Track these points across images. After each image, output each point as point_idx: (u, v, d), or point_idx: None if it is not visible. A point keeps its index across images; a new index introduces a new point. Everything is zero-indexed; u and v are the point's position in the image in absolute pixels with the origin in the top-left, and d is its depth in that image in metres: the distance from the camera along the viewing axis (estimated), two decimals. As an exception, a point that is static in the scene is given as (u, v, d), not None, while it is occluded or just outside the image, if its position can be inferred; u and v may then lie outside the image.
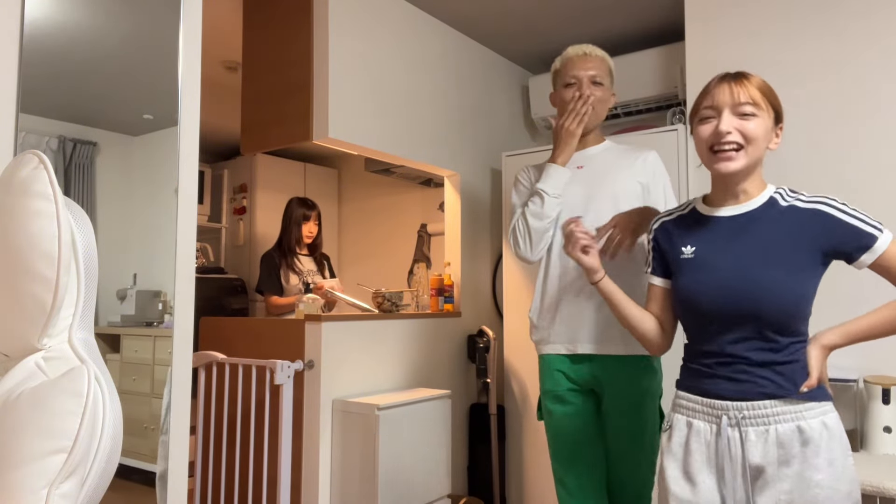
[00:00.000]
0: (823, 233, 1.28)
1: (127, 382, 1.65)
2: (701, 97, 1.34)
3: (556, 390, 1.90)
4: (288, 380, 2.42)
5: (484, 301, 3.46)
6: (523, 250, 1.90)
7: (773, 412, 1.26)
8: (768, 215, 1.32)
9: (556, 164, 1.88)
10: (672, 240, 1.43)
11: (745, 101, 1.28)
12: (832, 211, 1.28)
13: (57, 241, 0.89)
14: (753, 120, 1.28)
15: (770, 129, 1.32)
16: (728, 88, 1.29)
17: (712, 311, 1.30)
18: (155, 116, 1.71)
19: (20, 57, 1.43)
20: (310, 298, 2.69)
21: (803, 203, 1.31)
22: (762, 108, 1.29)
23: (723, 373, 1.31)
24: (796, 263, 1.27)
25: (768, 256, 1.28)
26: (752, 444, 1.26)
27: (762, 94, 1.29)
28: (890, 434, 2.10)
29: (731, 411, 1.28)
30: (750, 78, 1.31)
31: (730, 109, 1.29)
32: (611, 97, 1.97)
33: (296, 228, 3.38)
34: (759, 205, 1.34)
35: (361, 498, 2.42)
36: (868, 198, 2.28)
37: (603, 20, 3.22)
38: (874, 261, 1.28)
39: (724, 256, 1.32)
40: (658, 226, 1.48)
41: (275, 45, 2.81)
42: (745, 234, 1.32)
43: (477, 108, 3.47)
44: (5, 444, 0.82)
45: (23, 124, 1.44)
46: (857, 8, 2.34)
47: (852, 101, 2.34)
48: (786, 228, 1.30)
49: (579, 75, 1.90)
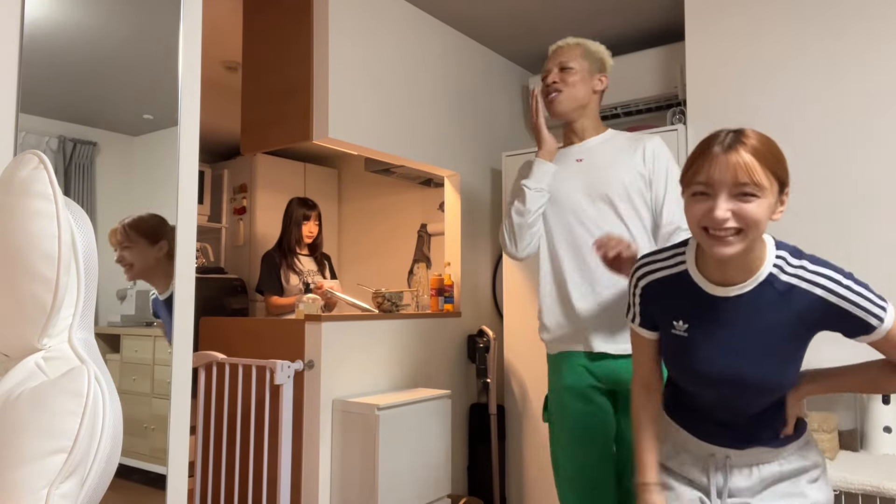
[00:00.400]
0: (823, 319, 1.19)
1: (127, 382, 1.65)
2: (695, 166, 1.17)
3: (579, 385, 1.83)
4: (288, 380, 2.42)
5: (484, 301, 3.46)
6: (509, 248, 1.90)
7: (756, 459, 1.31)
8: (766, 297, 1.20)
9: (538, 159, 1.90)
10: (661, 303, 1.33)
11: (744, 182, 1.11)
12: (836, 300, 1.17)
13: (57, 241, 0.89)
14: (755, 201, 1.12)
15: (773, 204, 1.16)
16: (726, 164, 1.12)
17: (700, 391, 1.30)
18: (155, 116, 1.71)
19: (20, 57, 1.43)
20: (310, 298, 2.69)
21: (805, 282, 1.18)
22: (764, 188, 1.12)
23: (708, 428, 1.33)
24: (788, 349, 1.21)
25: (761, 347, 1.21)
26: (735, 478, 1.32)
27: (764, 168, 1.12)
28: (890, 434, 2.10)
29: (718, 455, 1.32)
30: (750, 145, 1.13)
31: (727, 191, 1.13)
32: (592, 77, 1.90)
33: (296, 228, 3.38)
34: (756, 284, 1.21)
35: (361, 498, 2.42)
36: (869, 197, 2.28)
37: (603, 20, 3.22)
38: (872, 341, 1.20)
39: (717, 344, 1.24)
40: (645, 283, 1.35)
41: (275, 45, 2.81)
42: (739, 319, 1.22)
43: (477, 108, 3.47)
44: (5, 444, 0.82)
45: (23, 124, 1.44)
46: (858, 8, 2.34)
47: (853, 102, 2.33)
48: (783, 313, 1.19)
49: (549, 67, 1.94)
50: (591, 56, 1.92)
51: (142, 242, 1.66)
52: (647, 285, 1.34)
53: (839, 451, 2.12)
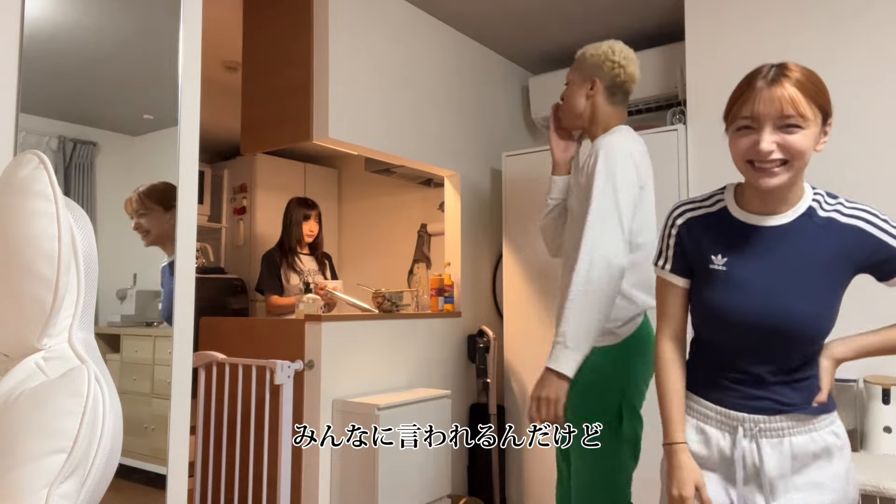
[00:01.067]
0: (861, 251, 1.21)
1: (127, 382, 1.65)
2: (738, 100, 1.20)
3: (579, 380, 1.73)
4: (288, 380, 2.42)
5: (484, 301, 3.46)
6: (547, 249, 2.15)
7: (787, 425, 1.26)
8: (805, 229, 1.23)
9: (552, 175, 2.07)
10: (699, 242, 1.31)
11: (789, 114, 1.14)
12: (873, 230, 1.20)
13: (57, 241, 0.89)
14: (799, 133, 1.15)
15: (817, 135, 1.18)
16: (770, 97, 1.14)
17: (738, 332, 1.25)
18: (155, 116, 1.71)
19: (20, 57, 1.43)
20: (310, 298, 2.69)
21: (843, 216, 1.22)
22: (808, 119, 1.15)
23: (739, 388, 1.28)
24: (829, 283, 1.22)
25: (801, 279, 1.21)
26: (767, 456, 1.26)
27: (808, 99, 1.14)
28: (890, 434, 2.10)
29: (748, 423, 1.26)
30: (793, 77, 1.15)
31: (772, 123, 1.15)
32: (584, 86, 1.91)
33: (296, 228, 3.38)
34: (797, 216, 1.24)
35: (361, 498, 2.41)
36: (871, 195, 2.28)
37: (603, 20, 3.22)
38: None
39: (757, 276, 1.23)
40: (683, 221, 1.33)
41: (275, 45, 2.81)
42: (779, 250, 1.23)
43: (477, 108, 3.47)
44: (5, 444, 0.82)
45: (23, 124, 1.44)
46: (858, 8, 2.34)
47: (853, 100, 2.33)
48: (822, 245, 1.21)
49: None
50: (584, 64, 1.93)
51: (157, 209, 1.71)
52: (685, 223, 1.33)
53: (839, 451, 2.12)
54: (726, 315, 1.25)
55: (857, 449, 2.15)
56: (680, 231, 1.33)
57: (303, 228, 3.38)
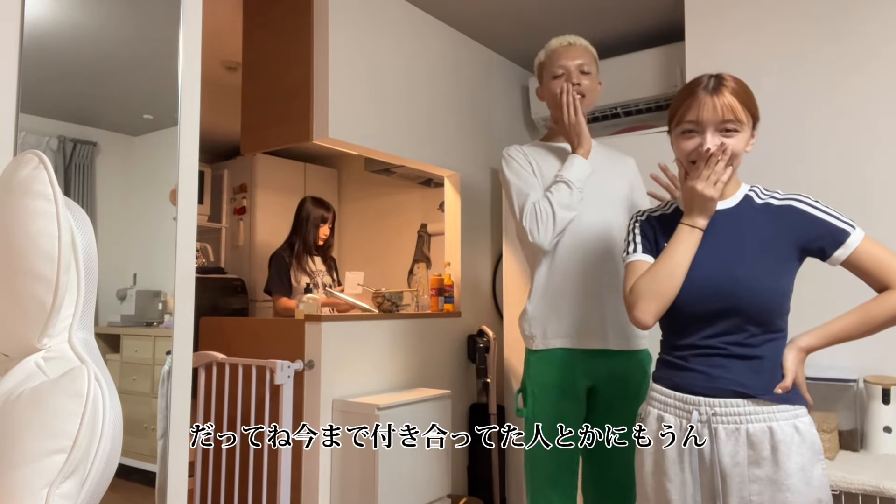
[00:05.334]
0: (798, 228, 1.32)
1: (127, 382, 1.65)
2: (682, 106, 1.35)
3: (563, 384, 1.81)
4: (288, 380, 2.42)
5: (484, 301, 3.46)
6: (542, 237, 1.79)
7: (744, 411, 1.26)
8: (745, 212, 1.36)
9: (580, 156, 1.86)
10: (655, 234, 1.45)
11: (728, 119, 1.30)
12: (805, 207, 1.33)
13: (57, 241, 0.89)
14: (735, 136, 1.31)
15: (748, 138, 1.35)
16: (711, 104, 1.30)
17: (695, 306, 1.31)
18: (155, 116, 1.71)
19: (20, 57, 1.43)
20: (310, 298, 2.69)
21: (777, 200, 1.36)
22: (743, 123, 1.32)
23: (697, 366, 1.32)
24: (774, 259, 1.31)
25: (748, 252, 1.32)
26: (722, 443, 1.26)
27: (742, 106, 1.31)
28: (890, 434, 2.10)
29: (703, 407, 1.29)
30: (730, 87, 1.31)
31: (713, 127, 1.31)
32: (598, 86, 1.95)
33: (313, 230, 3.34)
34: (736, 202, 1.38)
35: (361, 498, 2.41)
36: (870, 196, 2.28)
37: (603, 20, 3.22)
38: (847, 257, 1.30)
39: (705, 252, 1.34)
40: (644, 217, 1.50)
41: (275, 45, 2.80)
42: (723, 231, 1.36)
43: (477, 108, 3.47)
44: (5, 444, 0.82)
45: (23, 124, 1.44)
46: (858, 9, 2.34)
47: (852, 101, 2.33)
48: (762, 225, 1.34)
49: (567, 65, 1.89)
50: (597, 62, 1.97)
51: None
52: (645, 219, 1.49)
53: (839, 451, 2.12)
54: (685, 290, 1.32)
55: (857, 449, 2.15)
56: (641, 224, 1.49)
57: (319, 231, 3.36)
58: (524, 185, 1.86)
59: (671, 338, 1.40)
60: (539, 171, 1.88)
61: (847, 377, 2.17)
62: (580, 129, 1.86)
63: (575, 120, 1.86)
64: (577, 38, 1.95)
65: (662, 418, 1.35)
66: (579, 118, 1.86)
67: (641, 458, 1.39)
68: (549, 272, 1.85)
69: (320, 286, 3.26)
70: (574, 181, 1.81)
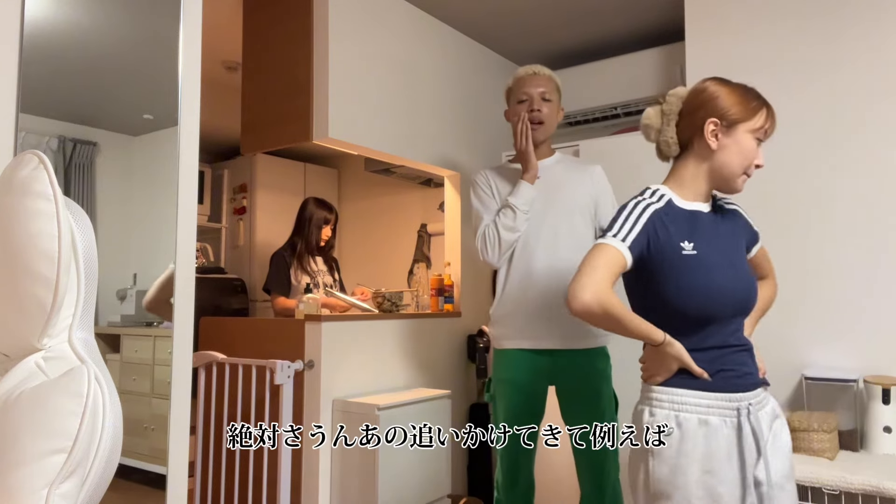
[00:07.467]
0: (743, 229, 1.50)
1: (127, 382, 1.65)
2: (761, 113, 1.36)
3: (519, 382, 2.04)
4: (288, 380, 2.42)
5: (484, 301, 3.46)
6: (490, 256, 2.08)
7: (763, 398, 1.38)
8: (721, 213, 1.46)
9: (525, 182, 2.07)
10: (668, 231, 1.35)
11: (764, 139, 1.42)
12: (742, 213, 1.52)
13: (57, 241, 0.89)
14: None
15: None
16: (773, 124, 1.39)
17: (721, 308, 1.34)
18: (155, 116, 1.71)
19: (20, 57, 1.43)
20: (310, 298, 2.69)
21: (727, 204, 1.50)
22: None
23: (727, 365, 1.35)
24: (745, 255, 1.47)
25: (737, 253, 1.42)
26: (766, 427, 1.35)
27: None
28: (890, 434, 2.10)
29: (744, 402, 1.34)
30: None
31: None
32: (559, 112, 2.17)
33: (316, 231, 3.35)
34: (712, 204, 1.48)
35: (361, 498, 2.41)
36: (869, 195, 2.28)
37: (603, 20, 3.22)
38: (754, 256, 1.56)
39: (718, 254, 1.37)
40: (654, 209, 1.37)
41: (275, 45, 2.80)
42: (717, 231, 1.41)
43: (477, 108, 3.47)
44: (5, 444, 0.82)
45: (23, 124, 1.44)
46: (857, 10, 2.34)
47: (852, 102, 2.33)
48: (731, 226, 1.46)
49: (530, 92, 2.11)
50: (559, 90, 2.18)
51: None
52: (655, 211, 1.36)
53: (839, 451, 2.12)
54: (713, 293, 1.32)
55: (857, 449, 2.15)
56: (653, 218, 1.35)
57: (321, 232, 3.37)
58: (482, 209, 2.14)
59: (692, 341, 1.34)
60: (498, 194, 2.14)
61: (847, 377, 2.17)
62: (528, 157, 2.08)
63: (524, 147, 2.08)
64: (542, 67, 2.16)
65: (707, 422, 1.30)
66: (528, 146, 2.08)
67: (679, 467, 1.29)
68: (506, 279, 2.11)
69: (321, 286, 3.26)
70: (518, 205, 2.04)
